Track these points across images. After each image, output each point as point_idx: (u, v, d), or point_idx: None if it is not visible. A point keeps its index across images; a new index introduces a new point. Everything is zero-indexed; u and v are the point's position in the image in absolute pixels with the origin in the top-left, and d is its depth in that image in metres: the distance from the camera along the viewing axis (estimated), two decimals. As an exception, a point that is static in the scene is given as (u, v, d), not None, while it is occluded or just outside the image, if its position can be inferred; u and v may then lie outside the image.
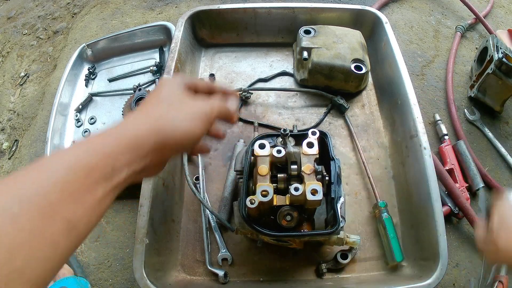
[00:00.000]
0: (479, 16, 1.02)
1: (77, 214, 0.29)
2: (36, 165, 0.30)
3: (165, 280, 0.59)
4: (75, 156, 0.31)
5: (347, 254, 0.61)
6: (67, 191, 0.28)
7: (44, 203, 0.27)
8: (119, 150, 0.33)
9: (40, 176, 0.28)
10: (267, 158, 0.55)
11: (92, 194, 0.30)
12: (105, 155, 0.32)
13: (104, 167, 0.31)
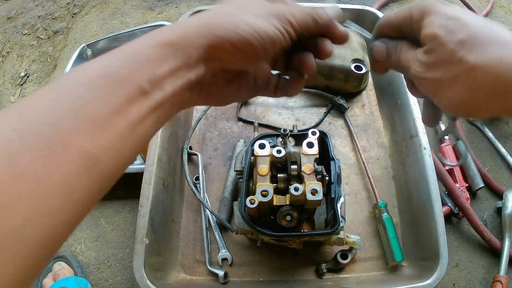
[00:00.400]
0: None
1: (100, 144, 0.21)
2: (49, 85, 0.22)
3: (165, 280, 0.59)
4: (99, 68, 0.22)
5: (347, 254, 0.61)
6: (85, 114, 0.20)
7: (54, 135, 0.19)
8: (159, 55, 0.24)
9: (52, 98, 0.21)
10: (267, 158, 0.55)
11: (121, 116, 0.22)
12: (140, 62, 0.23)
13: (138, 78, 0.22)
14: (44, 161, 0.19)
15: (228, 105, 0.81)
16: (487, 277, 0.67)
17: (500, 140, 0.82)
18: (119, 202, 0.77)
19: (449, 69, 0.26)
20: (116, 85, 0.22)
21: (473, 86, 0.26)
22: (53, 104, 0.20)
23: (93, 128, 0.20)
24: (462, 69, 0.26)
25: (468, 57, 0.25)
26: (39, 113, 0.20)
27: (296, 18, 0.28)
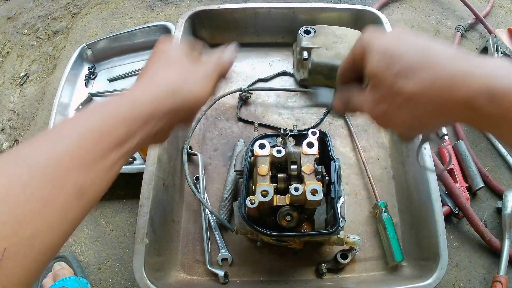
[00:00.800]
0: (479, 16, 1.02)
1: (88, 180, 0.28)
2: (48, 132, 0.30)
3: (165, 280, 0.59)
4: (88, 122, 0.30)
5: (347, 254, 0.61)
6: (78, 157, 0.28)
7: (55, 170, 0.26)
8: (134, 115, 0.32)
9: (51, 142, 0.28)
10: (267, 158, 0.55)
11: (104, 160, 0.29)
12: (120, 120, 0.31)
13: (118, 133, 0.30)
14: (49, 189, 0.26)
15: (228, 105, 0.82)
16: (487, 277, 0.67)
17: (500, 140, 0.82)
18: (119, 202, 0.77)
19: (392, 101, 0.30)
20: (102, 136, 0.29)
21: (415, 111, 0.29)
22: (54, 147, 0.28)
23: (83, 168, 0.28)
24: (403, 98, 0.29)
25: (406, 87, 0.28)
26: (43, 153, 0.27)
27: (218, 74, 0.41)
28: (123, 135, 0.31)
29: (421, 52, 0.29)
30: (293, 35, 0.86)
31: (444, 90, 0.27)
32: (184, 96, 0.36)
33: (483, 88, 0.25)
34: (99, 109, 0.32)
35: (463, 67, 0.27)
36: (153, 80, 0.36)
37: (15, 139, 0.94)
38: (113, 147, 0.30)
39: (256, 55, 0.90)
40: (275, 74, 0.86)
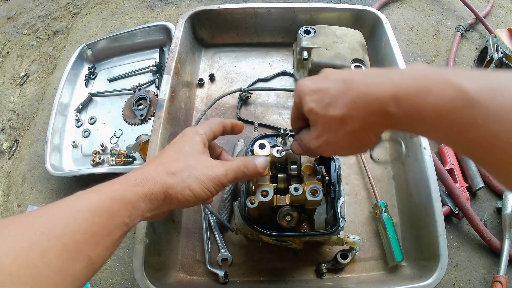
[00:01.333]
0: (479, 16, 1.02)
1: (96, 252, 0.33)
2: (62, 204, 0.33)
3: (165, 280, 0.59)
4: (99, 200, 0.34)
5: (347, 254, 0.61)
6: (90, 232, 0.32)
7: (70, 241, 0.30)
8: (137, 199, 0.37)
9: (67, 215, 0.32)
10: (267, 158, 0.55)
11: (111, 236, 0.34)
12: (126, 203, 0.36)
13: (124, 214, 0.35)
14: (64, 258, 0.29)
15: (228, 105, 0.82)
16: (487, 277, 0.67)
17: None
18: (119, 202, 0.77)
19: (329, 129, 0.35)
20: (110, 217, 0.34)
21: (349, 130, 0.34)
22: (69, 221, 0.31)
23: (94, 243, 0.32)
24: (336, 123, 0.34)
25: (335, 112, 0.34)
26: (59, 225, 0.31)
27: (228, 178, 0.42)
28: (127, 216, 0.36)
29: (342, 82, 0.34)
30: (293, 35, 0.86)
31: (363, 105, 0.32)
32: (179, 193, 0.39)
33: (390, 96, 0.31)
34: (109, 188, 0.36)
35: (375, 82, 0.32)
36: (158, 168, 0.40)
37: (15, 139, 0.94)
38: (120, 226, 0.35)
39: (256, 55, 0.90)
40: (275, 74, 0.86)
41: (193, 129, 0.45)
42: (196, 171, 0.40)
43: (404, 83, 0.31)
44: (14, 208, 0.81)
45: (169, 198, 0.39)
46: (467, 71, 0.31)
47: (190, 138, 0.43)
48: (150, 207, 0.38)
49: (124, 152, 0.79)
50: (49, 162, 0.77)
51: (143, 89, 0.88)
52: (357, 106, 0.33)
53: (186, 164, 0.40)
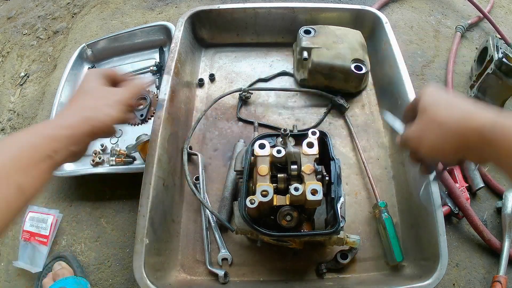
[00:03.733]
0: (484, 12, 1.01)
1: (26, 181, 0.38)
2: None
3: (165, 280, 0.59)
4: (25, 138, 0.40)
5: (347, 254, 0.61)
6: (19, 163, 0.38)
7: (1, 172, 0.36)
8: (58, 136, 0.42)
9: None
10: (267, 158, 0.55)
11: (37, 168, 0.39)
12: (49, 139, 0.41)
13: (47, 148, 0.40)
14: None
15: (228, 105, 0.82)
16: (487, 277, 0.67)
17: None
18: (119, 202, 0.77)
19: (428, 124, 0.43)
20: (35, 150, 0.39)
21: (442, 134, 0.41)
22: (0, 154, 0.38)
23: (22, 172, 0.37)
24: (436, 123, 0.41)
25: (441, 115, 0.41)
26: None
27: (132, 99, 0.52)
28: (51, 151, 0.41)
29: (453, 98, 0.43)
30: (293, 35, 0.86)
31: (463, 120, 0.39)
32: (95, 120, 0.46)
33: (490, 122, 0.36)
34: (33, 130, 0.43)
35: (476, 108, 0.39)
36: (72, 109, 0.47)
37: (15, 139, 0.94)
38: (44, 159, 0.40)
39: (256, 55, 0.90)
40: (275, 74, 0.86)
41: (92, 71, 0.54)
42: (102, 99, 0.48)
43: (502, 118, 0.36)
44: (14, 208, 0.81)
45: (90, 127, 0.45)
46: None
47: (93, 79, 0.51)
48: (73, 140, 0.43)
49: (124, 152, 0.79)
50: (49, 162, 0.77)
51: (143, 89, 0.88)
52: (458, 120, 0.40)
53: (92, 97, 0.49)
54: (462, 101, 0.41)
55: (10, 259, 0.73)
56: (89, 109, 0.46)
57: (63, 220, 0.76)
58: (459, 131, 0.39)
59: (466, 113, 0.39)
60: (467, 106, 0.40)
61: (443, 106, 0.42)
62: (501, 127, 0.35)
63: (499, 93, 0.83)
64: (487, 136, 0.36)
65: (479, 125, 0.37)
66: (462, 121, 0.39)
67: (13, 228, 0.77)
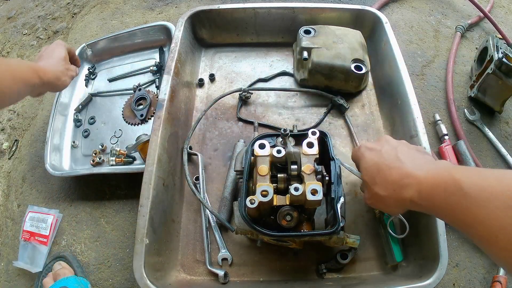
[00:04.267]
0: (484, 11, 1.01)
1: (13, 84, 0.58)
2: None
3: (165, 280, 0.59)
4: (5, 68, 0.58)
5: (347, 254, 0.61)
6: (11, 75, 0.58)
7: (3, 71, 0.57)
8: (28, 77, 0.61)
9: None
10: (267, 158, 0.55)
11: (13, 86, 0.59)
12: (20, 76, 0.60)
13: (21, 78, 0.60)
14: None
15: (228, 105, 0.82)
16: (487, 277, 0.67)
17: (500, 140, 0.82)
18: (119, 202, 0.77)
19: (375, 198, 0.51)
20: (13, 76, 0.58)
21: (387, 203, 0.49)
22: None
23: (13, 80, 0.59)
24: (379, 197, 0.49)
25: (380, 193, 0.49)
26: None
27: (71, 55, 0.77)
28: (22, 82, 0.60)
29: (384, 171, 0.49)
30: (293, 35, 0.86)
31: (398, 194, 0.46)
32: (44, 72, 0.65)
33: (415, 191, 0.44)
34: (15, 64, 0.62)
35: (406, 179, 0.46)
36: (40, 63, 0.68)
37: (15, 139, 0.94)
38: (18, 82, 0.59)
39: (256, 55, 0.90)
40: (275, 74, 0.86)
41: (59, 42, 0.75)
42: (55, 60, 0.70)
43: (426, 180, 0.44)
44: (14, 208, 0.81)
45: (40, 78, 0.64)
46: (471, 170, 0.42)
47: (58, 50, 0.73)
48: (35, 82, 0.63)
49: (124, 152, 0.79)
50: (49, 162, 0.77)
51: (143, 89, 0.88)
52: (394, 194, 0.47)
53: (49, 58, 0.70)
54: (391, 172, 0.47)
55: (10, 259, 0.73)
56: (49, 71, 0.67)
57: (63, 220, 0.76)
58: (398, 203, 0.47)
59: (397, 187, 0.46)
60: (396, 178, 0.47)
61: (378, 182, 0.49)
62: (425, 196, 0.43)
63: (499, 93, 0.83)
64: (418, 203, 0.44)
65: (409, 196, 0.45)
66: (396, 195, 0.47)
67: (13, 228, 0.77)
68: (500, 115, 0.87)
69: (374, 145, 0.53)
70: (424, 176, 0.44)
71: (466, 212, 0.38)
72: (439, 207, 0.42)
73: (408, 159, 0.48)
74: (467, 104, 0.89)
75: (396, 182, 0.47)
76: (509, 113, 0.88)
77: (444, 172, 0.42)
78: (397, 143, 0.52)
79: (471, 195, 0.38)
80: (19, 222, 0.77)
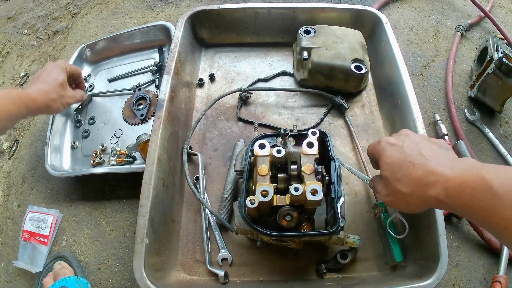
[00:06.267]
0: (485, 11, 1.01)
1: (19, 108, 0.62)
2: None
3: (165, 280, 0.59)
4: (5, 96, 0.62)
5: (347, 254, 0.61)
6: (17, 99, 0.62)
7: None
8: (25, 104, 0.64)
9: None
10: (267, 158, 0.55)
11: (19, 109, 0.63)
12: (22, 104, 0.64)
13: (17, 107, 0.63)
14: None
15: (228, 105, 0.82)
16: (487, 277, 0.67)
17: (500, 140, 0.82)
18: (119, 202, 0.77)
19: (395, 196, 0.48)
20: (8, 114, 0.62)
21: (408, 201, 0.47)
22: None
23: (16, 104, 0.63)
24: (401, 195, 0.47)
25: (402, 190, 0.46)
26: None
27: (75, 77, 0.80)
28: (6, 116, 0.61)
29: (407, 166, 0.46)
30: (293, 35, 0.86)
31: (422, 192, 0.44)
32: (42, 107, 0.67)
33: (442, 189, 0.42)
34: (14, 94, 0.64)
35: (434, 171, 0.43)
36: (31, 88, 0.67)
37: (15, 139, 0.94)
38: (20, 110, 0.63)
39: (256, 55, 0.90)
40: (275, 74, 0.86)
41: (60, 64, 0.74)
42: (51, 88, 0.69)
43: (453, 178, 0.42)
44: (14, 208, 0.81)
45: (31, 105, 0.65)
46: (500, 168, 0.40)
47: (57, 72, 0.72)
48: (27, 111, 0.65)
49: (125, 152, 0.79)
50: (49, 162, 0.77)
51: (143, 89, 0.88)
52: (418, 191, 0.45)
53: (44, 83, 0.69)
54: (415, 169, 0.45)
55: (10, 259, 0.73)
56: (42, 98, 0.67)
57: (63, 220, 0.76)
58: (421, 201, 0.45)
59: (421, 184, 0.44)
60: (420, 175, 0.44)
61: (401, 179, 0.46)
62: (452, 195, 0.41)
63: (499, 93, 0.83)
64: (444, 202, 0.43)
65: (434, 194, 0.43)
66: (420, 193, 0.44)
67: (13, 228, 0.77)
68: (500, 115, 0.87)
69: (395, 140, 0.50)
70: (450, 174, 0.42)
71: (496, 213, 0.37)
72: (466, 206, 0.40)
73: (432, 155, 0.46)
74: (467, 104, 0.89)
75: (421, 179, 0.44)
76: (509, 113, 0.88)
77: (472, 170, 0.41)
78: (419, 138, 0.49)
79: (502, 195, 0.36)
80: (19, 222, 0.77)
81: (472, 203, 0.39)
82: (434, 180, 0.43)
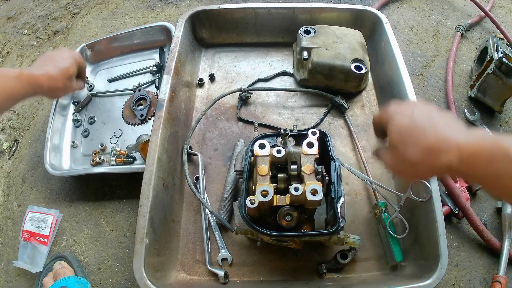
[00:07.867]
0: (485, 10, 1.01)
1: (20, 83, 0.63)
2: None
3: (165, 280, 0.59)
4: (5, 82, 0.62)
5: (347, 254, 0.61)
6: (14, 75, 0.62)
7: None
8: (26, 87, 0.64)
9: None
10: (267, 158, 0.55)
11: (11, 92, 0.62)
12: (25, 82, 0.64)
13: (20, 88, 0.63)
14: None
15: (228, 105, 0.82)
16: (487, 277, 0.67)
17: (500, 140, 0.82)
18: (119, 202, 0.77)
19: (403, 163, 0.46)
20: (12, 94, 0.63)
21: (418, 169, 0.45)
22: None
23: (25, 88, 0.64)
24: (410, 162, 0.45)
25: (412, 156, 0.44)
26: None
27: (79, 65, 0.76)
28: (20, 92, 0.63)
29: (418, 129, 0.44)
30: (293, 35, 0.86)
31: (434, 159, 0.42)
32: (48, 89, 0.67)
33: (455, 155, 0.40)
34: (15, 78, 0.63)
35: (444, 143, 0.42)
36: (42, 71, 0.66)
37: (15, 139, 0.94)
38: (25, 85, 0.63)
39: (256, 55, 0.90)
40: (275, 74, 0.86)
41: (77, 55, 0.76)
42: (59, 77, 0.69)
43: (467, 145, 0.40)
44: (14, 208, 0.81)
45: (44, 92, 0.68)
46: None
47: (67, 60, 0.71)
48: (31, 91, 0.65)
49: (124, 152, 0.79)
50: (49, 162, 0.77)
51: (143, 89, 0.88)
52: (429, 159, 0.43)
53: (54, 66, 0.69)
54: (426, 136, 0.43)
55: (10, 259, 0.73)
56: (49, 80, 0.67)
57: (63, 220, 0.76)
58: (431, 168, 0.44)
59: (433, 151, 0.42)
60: (432, 142, 0.42)
61: (410, 146, 0.44)
62: (466, 161, 0.40)
63: (499, 93, 0.83)
64: (457, 169, 0.41)
65: (447, 161, 0.41)
66: (432, 160, 0.42)
67: (13, 228, 0.77)
68: (500, 115, 0.87)
69: (404, 109, 0.48)
70: (464, 141, 0.41)
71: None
72: (482, 174, 0.39)
73: (443, 123, 0.44)
74: (467, 104, 0.89)
75: (432, 146, 0.42)
76: (509, 113, 0.88)
77: (487, 137, 0.40)
78: (429, 107, 0.47)
79: None
80: (19, 222, 0.77)
81: (488, 171, 0.38)
82: (446, 148, 0.41)
